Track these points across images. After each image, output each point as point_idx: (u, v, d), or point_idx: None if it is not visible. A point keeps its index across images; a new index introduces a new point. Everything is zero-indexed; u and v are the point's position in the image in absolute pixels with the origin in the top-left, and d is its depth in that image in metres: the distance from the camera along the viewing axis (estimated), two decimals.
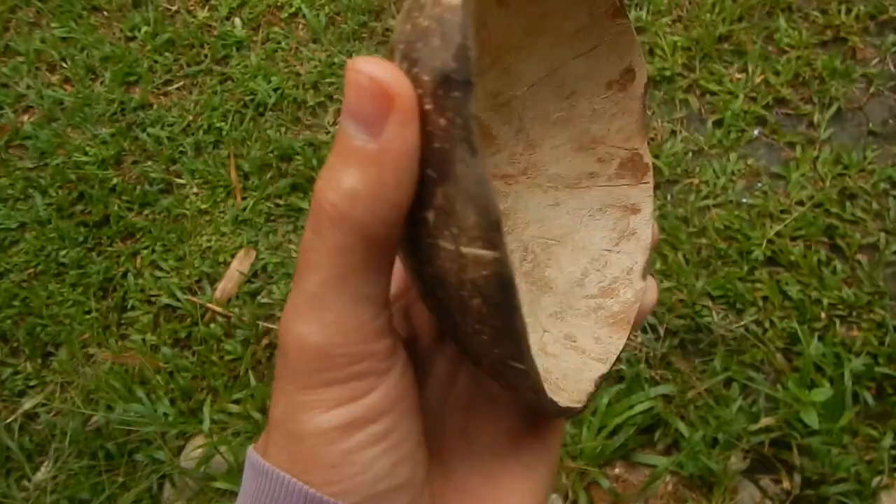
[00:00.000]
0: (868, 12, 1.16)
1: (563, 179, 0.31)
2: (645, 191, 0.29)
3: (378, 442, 0.20)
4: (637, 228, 0.29)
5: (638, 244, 0.29)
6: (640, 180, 0.30)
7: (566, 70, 0.29)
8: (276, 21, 1.32)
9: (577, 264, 0.30)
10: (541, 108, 0.30)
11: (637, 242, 0.29)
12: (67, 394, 1.02)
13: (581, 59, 0.29)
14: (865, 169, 1.04)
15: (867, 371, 0.89)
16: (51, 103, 1.29)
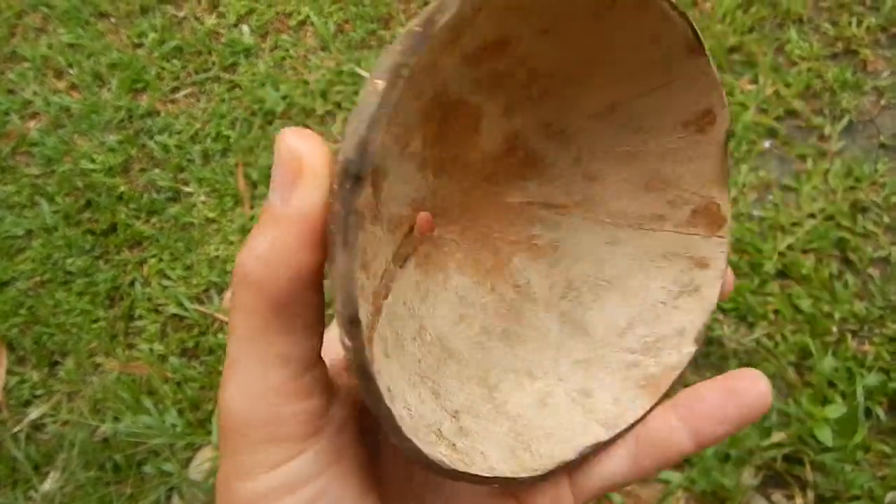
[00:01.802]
0: (879, 24, 1.15)
1: (626, 217, 0.28)
2: (718, 245, 0.27)
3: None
4: (702, 286, 0.27)
5: (700, 303, 0.26)
6: (714, 232, 0.27)
7: (633, 105, 0.27)
8: (285, 29, 1.32)
9: (624, 312, 0.27)
10: (604, 140, 0.28)
11: (699, 301, 0.26)
12: (74, 404, 1.02)
13: (653, 94, 0.27)
14: (877, 182, 1.04)
15: (880, 386, 0.89)
16: (57, 110, 1.29)
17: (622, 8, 0.24)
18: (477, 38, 0.25)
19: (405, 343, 0.25)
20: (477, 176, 0.29)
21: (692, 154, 0.27)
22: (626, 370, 0.26)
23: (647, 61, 0.26)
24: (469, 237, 0.29)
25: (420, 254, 0.28)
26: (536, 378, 0.27)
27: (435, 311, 0.27)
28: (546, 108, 0.28)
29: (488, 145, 0.28)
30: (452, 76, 0.26)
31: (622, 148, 0.28)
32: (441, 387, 0.25)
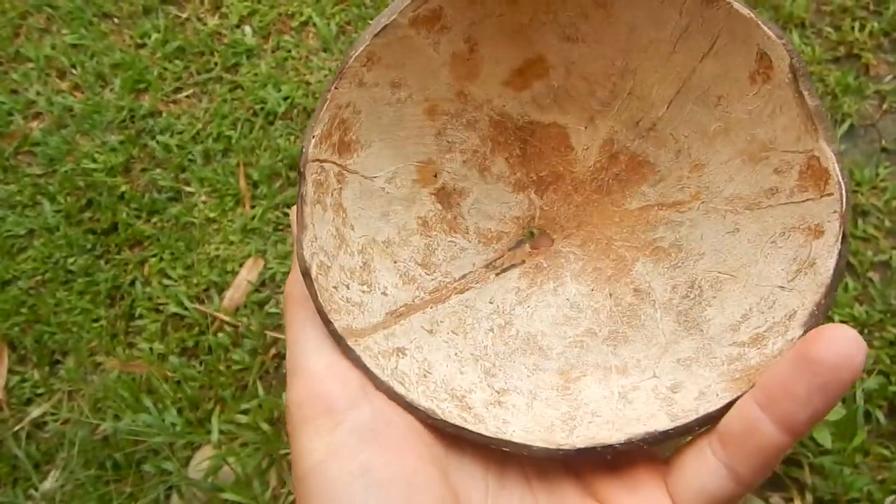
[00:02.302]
0: (882, 29, 1.15)
1: (743, 200, 0.27)
2: (829, 205, 0.24)
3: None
4: (817, 258, 0.24)
5: (814, 279, 0.24)
6: (822, 191, 0.24)
7: (699, 77, 0.27)
8: (287, 30, 1.32)
9: (743, 304, 0.26)
10: (693, 123, 0.28)
11: (814, 277, 0.24)
12: (75, 402, 1.02)
13: (708, 59, 0.26)
14: (878, 186, 1.04)
15: (880, 390, 0.89)
16: (60, 110, 1.29)
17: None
18: (501, 65, 0.28)
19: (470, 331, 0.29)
20: (588, 189, 0.30)
21: (774, 107, 0.25)
22: (728, 364, 0.25)
23: (678, 28, 0.26)
24: (590, 249, 0.30)
25: (529, 265, 0.31)
26: (629, 375, 0.27)
27: (534, 314, 0.29)
28: (624, 109, 0.29)
29: (588, 158, 0.30)
30: (503, 102, 0.29)
31: (713, 125, 0.27)
32: (500, 369, 0.28)
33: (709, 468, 0.23)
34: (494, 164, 0.31)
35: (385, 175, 0.29)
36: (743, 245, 0.27)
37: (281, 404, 0.96)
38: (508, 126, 0.30)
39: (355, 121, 0.27)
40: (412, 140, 0.29)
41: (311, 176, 0.26)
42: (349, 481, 0.22)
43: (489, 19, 0.27)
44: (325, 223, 0.27)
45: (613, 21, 0.27)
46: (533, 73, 0.29)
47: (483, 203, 0.31)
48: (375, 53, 0.26)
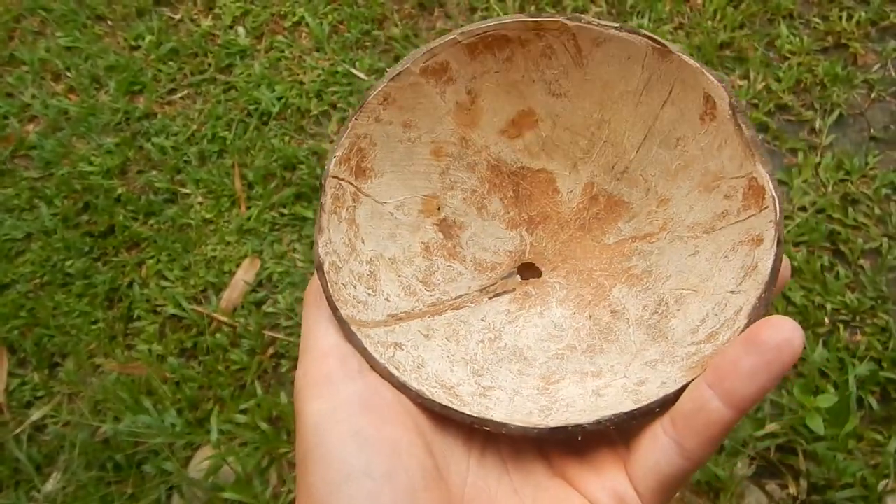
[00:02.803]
0: (869, 18, 1.16)
1: (701, 226, 0.31)
2: (766, 216, 0.27)
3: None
4: (759, 262, 0.27)
5: (756, 279, 0.27)
6: (761, 206, 0.28)
7: (661, 122, 0.31)
8: (280, 30, 1.33)
9: (701, 311, 0.29)
10: (658, 164, 0.32)
11: (756, 277, 0.27)
12: (75, 405, 1.02)
13: (667, 106, 0.31)
14: (867, 174, 1.04)
15: (871, 376, 0.90)
16: (56, 113, 1.29)
17: (589, 51, 0.31)
18: (498, 115, 0.33)
19: (462, 340, 0.32)
20: (572, 227, 0.35)
21: (720, 141, 0.29)
22: (687, 359, 0.27)
23: (642, 81, 0.31)
24: (573, 279, 0.34)
25: (519, 293, 0.34)
26: (603, 377, 0.30)
27: (522, 332, 0.33)
28: (601, 155, 0.34)
29: (572, 201, 0.35)
30: (499, 150, 0.34)
31: (674, 164, 0.31)
32: (487, 371, 0.31)
33: (660, 446, 0.25)
34: (491, 203, 0.35)
35: (394, 202, 0.33)
36: (702, 264, 0.30)
37: (280, 403, 0.96)
38: (503, 170, 0.35)
39: (371, 151, 0.32)
40: (420, 175, 0.34)
41: (330, 189, 0.31)
42: (343, 440, 0.25)
43: (488, 75, 0.32)
44: (339, 232, 0.31)
45: (590, 78, 0.32)
46: (525, 124, 0.34)
47: (480, 237, 0.35)
48: (391, 95, 0.31)
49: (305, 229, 1.12)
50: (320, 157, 1.17)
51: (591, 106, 0.33)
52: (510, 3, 1.27)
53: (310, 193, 1.14)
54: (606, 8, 1.24)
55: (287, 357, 1.02)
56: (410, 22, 1.29)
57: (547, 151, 0.34)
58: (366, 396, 0.27)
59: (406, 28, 1.28)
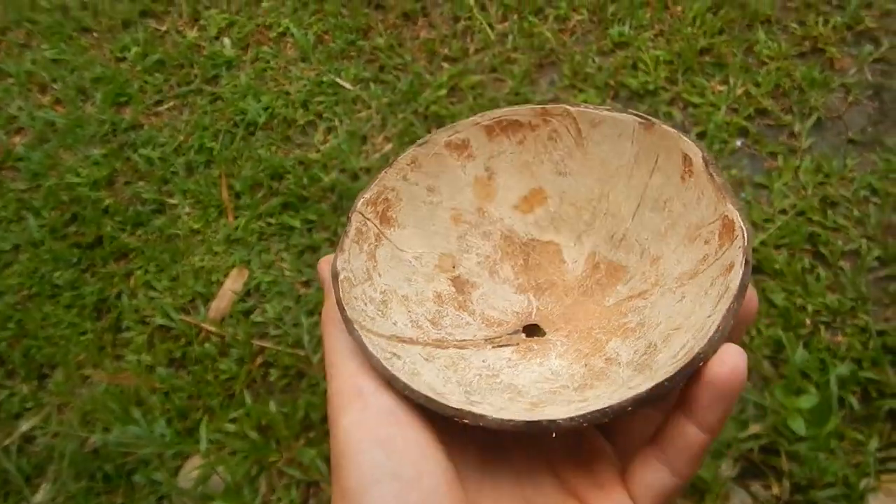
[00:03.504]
0: (845, 23, 1.18)
1: (687, 274, 0.33)
2: (737, 244, 0.30)
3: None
4: (731, 284, 0.29)
5: (727, 297, 0.29)
6: (732, 239, 0.30)
7: (650, 190, 0.35)
8: (265, 40, 1.34)
9: (683, 340, 0.31)
10: (650, 227, 0.35)
11: (727, 296, 0.29)
12: (64, 416, 1.03)
13: (654, 174, 0.35)
14: (846, 177, 1.06)
15: (852, 376, 0.91)
16: (42, 125, 1.30)
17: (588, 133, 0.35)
18: (512, 192, 0.38)
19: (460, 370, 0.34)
20: (575, 293, 0.38)
21: (699, 193, 0.33)
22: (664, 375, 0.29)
23: (632, 154, 0.35)
24: (574, 337, 0.37)
25: (522, 347, 0.37)
26: (587, 402, 0.31)
27: (520, 375, 0.35)
28: (602, 227, 0.37)
29: (577, 270, 0.38)
30: (512, 222, 0.38)
31: (663, 224, 0.35)
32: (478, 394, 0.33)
33: (654, 468, 0.30)
34: (502, 269, 0.38)
35: (413, 253, 0.37)
36: (687, 306, 0.32)
37: (269, 412, 0.97)
38: (515, 241, 0.38)
39: (397, 205, 0.36)
40: (439, 236, 0.37)
41: (355, 223, 0.34)
42: (373, 447, 0.27)
43: (503, 155, 0.37)
44: (358, 260, 0.34)
45: (590, 157, 0.36)
46: (535, 200, 0.38)
47: (490, 297, 0.38)
48: (418, 159, 0.36)
49: (293, 238, 1.12)
50: (307, 167, 1.18)
51: (593, 182, 0.37)
52: (493, 12, 1.28)
53: (297, 203, 1.15)
54: (588, 16, 1.26)
55: (276, 366, 1.03)
56: (395, 32, 1.31)
57: (555, 225, 0.38)
58: (395, 409, 0.29)
59: (391, 38, 1.29)
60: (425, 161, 0.36)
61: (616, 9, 1.25)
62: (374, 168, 1.16)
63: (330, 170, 1.17)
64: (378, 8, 1.34)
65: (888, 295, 0.97)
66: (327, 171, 1.16)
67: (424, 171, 0.36)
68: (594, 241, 0.38)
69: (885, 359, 0.92)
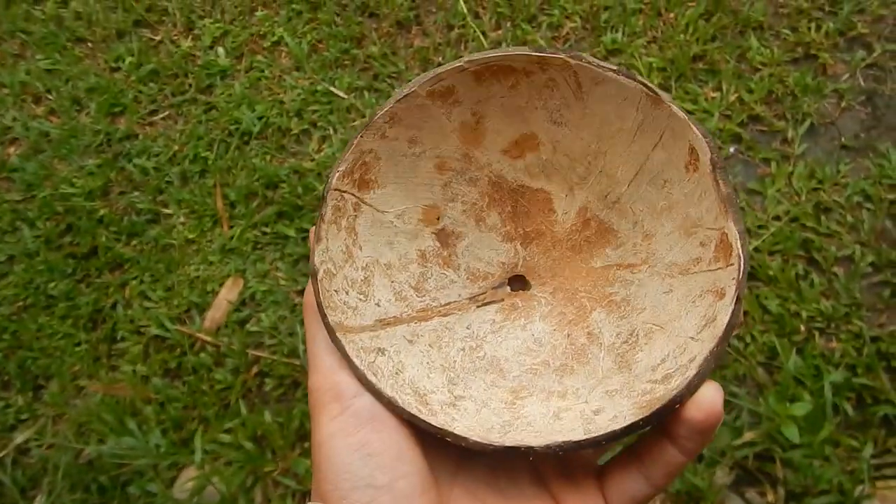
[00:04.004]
0: (837, 29, 1.18)
1: (678, 266, 0.33)
2: (731, 273, 0.29)
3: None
4: (718, 315, 0.29)
5: (713, 332, 0.29)
6: (728, 262, 0.30)
7: (651, 163, 0.33)
8: (259, 50, 1.34)
9: (664, 350, 0.31)
10: (646, 200, 0.34)
11: (713, 330, 0.29)
12: (59, 427, 1.03)
13: (657, 149, 0.33)
14: (839, 182, 1.06)
15: (846, 382, 0.91)
16: (37, 135, 1.30)
17: (589, 88, 0.33)
18: (501, 135, 0.35)
19: (444, 346, 0.34)
20: (564, 247, 0.37)
21: (701, 192, 0.31)
22: (641, 396, 0.30)
23: (636, 122, 0.33)
24: (559, 296, 0.36)
25: (507, 304, 0.37)
26: (566, 398, 0.32)
27: (503, 343, 0.35)
28: (596, 184, 0.36)
29: (567, 221, 0.37)
30: (501, 167, 0.36)
31: (660, 203, 0.33)
32: (462, 380, 0.33)
33: (631, 476, 0.31)
34: (489, 216, 0.37)
35: (395, 212, 0.35)
36: (673, 303, 0.32)
37: (264, 422, 0.97)
38: (504, 187, 0.37)
39: (375, 164, 0.34)
40: (422, 187, 0.36)
41: (331, 201, 0.33)
42: (350, 452, 0.29)
43: (493, 99, 0.34)
44: (337, 240, 0.33)
45: (589, 112, 0.34)
46: (527, 146, 0.36)
47: (476, 247, 0.37)
48: (397, 114, 0.33)
49: (288, 248, 1.12)
50: (301, 176, 1.18)
51: (590, 137, 0.35)
52: (486, 20, 1.28)
53: (291, 212, 1.15)
54: (581, 23, 1.26)
55: (271, 376, 1.03)
56: (389, 40, 1.31)
57: (546, 173, 0.36)
58: (370, 410, 0.30)
59: (384, 46, 1.29)
60: (406, 114, 0.33)
61: (609, 16, 1.25)
62: None
63: (324, 179, 1.17)
64: (372, 16, 1.35)
65: (882, 300, 0.97)
66: (322, 180, 1.16)
67: (405, 124, 0.34)
68: (587, 195, 0.36)
69: (880, 365, 0.92)
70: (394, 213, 0.35)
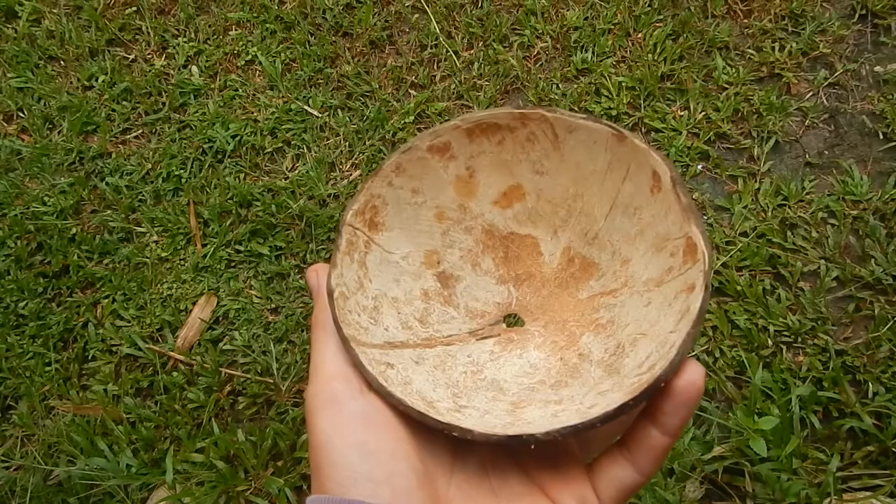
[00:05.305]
0: (800, 49, 1.21)
1: (654, 281, 0.36)
2: (699, 267, 0.32)
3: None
4: (691, 305, 0.32)
5: (688, 319, 0.31)
6: (695, 260, 0.33)
7: (622, 196, 0.37)
8: (233, 68, 1.34)
9: (648, 349, 0.33)
10: (621, 230, 0.38)
11: (688, 318, 0.31)
12: (28, 448, 1.01)
13: (626, 181, 0.37)
14: (804, 199, 1.09)
15: (812, 396, 0.93)
16: (8, 153, 1.29)
17: (564, 137, 0.37)
18: (492, 188, 0.40)
19: (448, 369, 0.37)
20: (552, 285, 0.40)
21: (666, 208, 0.35)
22: (629, 386, 0.32)
23: (606, 162, 0.37)
24: (551, 328, 0.40)
25: (503, 338, 0.40)
26: (562, 403, 0.34)
27: (502, 369, 0.38)
28: (577, 224, 0.40)
29: (553, 262, 0.41)
30: (492, 217, 0.40)
31: (633, 229, 0.37)
32: (465, 395, 0.35)
33: (619, 465, 0.33)
34: (484, 261, 0.41)
35: (400, 253, 0.39)
36: (653, 313, 0.35)
37: (237, 441, 0.97)
38: (495, 234, 0.41)
39: (384, 210, 0.38)
40: (424, 234, 0.40)
41: (346, 235, 0.36)
42: (349, 451, 0.30)
43: (483, 155, 0.39)
44: (351, 270, 0.36)
45: (566, 159, 0.38)
46: (514, 196, 0.40)
47: (473, 289, 0.41)
48: (402, 165, 0.38)
49: (262, 266, 1.12)
50: (275, 194, 1.18)
51: (568, 182, 0.39)
52: (459, 40, 1.30)
53: (265, 230, 1.15)
54: (552, 43, 1.28)
55: (244, 394, 1.02)
56: (362, 59, 1.32)
57: (532, 220, 0.41)
58: (367, 413, 0.32)
59: (358, 66, 1.30)
60: (409, 166, 0.38)
61: (579, 36, 1.27)
62: (342, 194, 1.17)
63: (298, 197, 1.17)
64: (345, 36, 1.36)
65: (847, 315, 0.99)
66: (296, 198, 1.17)
67: (408, 174, 0.38)
68: (569, 236, 0.40)
69: (845, 378, 0.94)
70: (399, 255, 0.39)
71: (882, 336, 0.96)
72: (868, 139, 1.14)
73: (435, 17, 1.33)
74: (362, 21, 1.34)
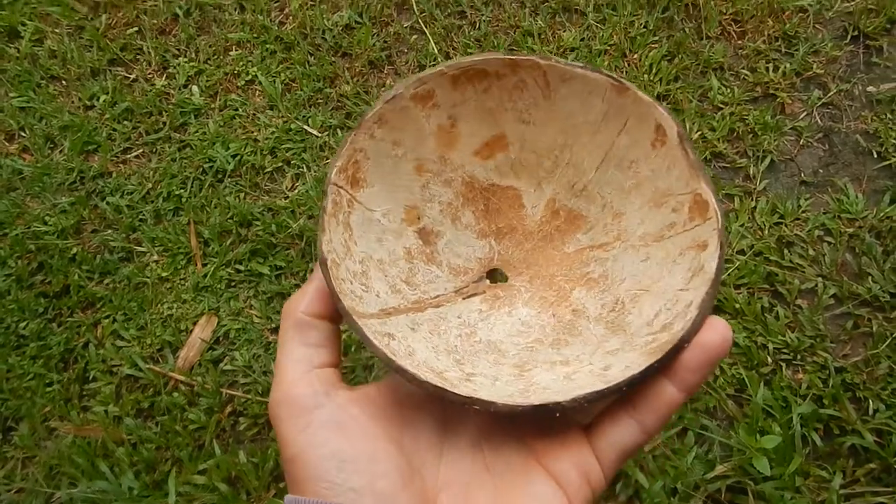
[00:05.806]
0: (794, 69, 1.23)
1: (651, 236, 0.35)
2: (711, 226, 0.32)
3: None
4: (705, 263, 0.31)
5: (703, 278, 0.31)
6: (705, 218, 0.32)
7: (616, 148, 0.36)
8: (233, 88, 1.35)
9: (654, 307, 0.33)
10: (614, 183, 0.37)
11: (703, 276, 0.31)
12: (29, 470, 1.01)
13: (622, 134, 0.35)
14: (800, 217, 1.10)
15: (813, 413, 0.93)
16: (9, 173, 1.29)
17: (556, 86, 0.35)
18: (474, 138, 0.38)
19: (443, 333, 0.36)
20: (535, 238, 0.39)
21: (669, 164, 0.34)
22: (646, 346, 0.31)
23: (601, 113, 0.35)
24: (537, 283, 0.38)
25: (489, 294, 0.39)
26: (570, 365, 0.33)
27: (495, 328, 0.37)
28: (563, 175, 0.38)
29: (536, 215, 0.39)
30: (472, 168, 0.39)
31: (628, 183, 0.36)
32: (468, 360, 0.34)
33: (623, 425, 0.31)
34: (464, 215, 0.39)
35: (381, 210, 0.37)
36: (653, 268, 0.34)
37: (239, 463, 0.96)
38: (476, 186, 0.39)
39: (365, 164, 0.36)
40: (403, 188, 0.38)
41: (331, 195, 0.34)
42: (324, 463, 0.29)
43: (467, 103, 0.37)
44: (337, 233, 0.34)
45: (556, 109, 0.36)
46: (496, 146, 0.38)
47: (454, 244, 0.39)
48: (385, 116, 0.36)
49: (262, 285, 1.13)
50: (275, 214, 1.19)
51: (556, 132, 0.37)
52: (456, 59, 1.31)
53: (265, 250, 1.15)
54: None
55: (245, 415, 1.02)
56: (361, 80, 1.33)
57: (515, 171, 0.39)
58: (338, 419, 0.31)
59: (357, 86, 1.31)
60: (391, 116, 0.36)
61: (575, 57, 1.29)
62: None
63: (298, 216, 1.18)
64: (344, 56, 1.37)
65: (845, 332, 1.00)
66: (295, 218, 1.17)
67: (390, 125, 0.36)
68: (554, 188, 0.39)
69: (845, 395, 0.94)
70: (380, 212, 0.37)
71: (881, 353, 0.97)
72: (862, 158, 1.15)
73: (433, 37, 1.34)
74: (361, 42, 1.36)
